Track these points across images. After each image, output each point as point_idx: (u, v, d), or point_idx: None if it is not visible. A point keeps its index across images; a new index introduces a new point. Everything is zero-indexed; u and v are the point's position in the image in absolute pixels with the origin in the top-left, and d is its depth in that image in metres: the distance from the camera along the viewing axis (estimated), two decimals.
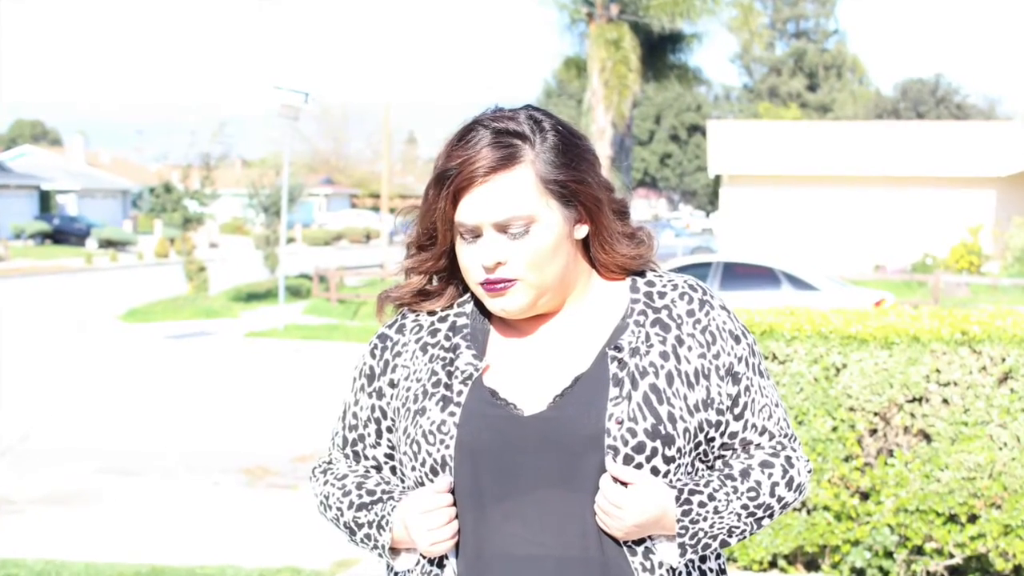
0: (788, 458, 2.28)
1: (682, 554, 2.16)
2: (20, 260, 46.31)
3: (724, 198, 39.53)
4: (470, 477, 2.16)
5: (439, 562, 2.21)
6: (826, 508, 6.01)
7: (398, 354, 2.32)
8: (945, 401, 5.83)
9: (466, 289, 2.32)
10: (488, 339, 2.28)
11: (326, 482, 2.39)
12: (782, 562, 6.22)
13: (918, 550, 6.03)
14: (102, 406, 13.62)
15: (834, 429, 5.92)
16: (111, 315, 25.63)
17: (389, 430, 2.32)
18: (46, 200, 65.24)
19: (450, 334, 2.29)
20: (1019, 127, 42.13)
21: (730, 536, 2.20)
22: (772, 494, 2.24)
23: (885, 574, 6.05)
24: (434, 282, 2.33)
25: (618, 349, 2.19)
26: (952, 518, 5.91)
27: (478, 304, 2.31)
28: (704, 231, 74.14)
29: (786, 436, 2.31)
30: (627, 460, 2.11)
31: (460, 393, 2.19)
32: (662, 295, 2.28)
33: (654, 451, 2.12)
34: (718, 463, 2.27)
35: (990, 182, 37.78)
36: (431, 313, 2.33)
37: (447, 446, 2.16)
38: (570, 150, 2.19)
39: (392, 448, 2.33)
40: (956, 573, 6.09)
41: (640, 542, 2.15)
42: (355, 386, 2.38)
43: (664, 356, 2.20)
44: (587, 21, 31.34)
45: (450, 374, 2.22)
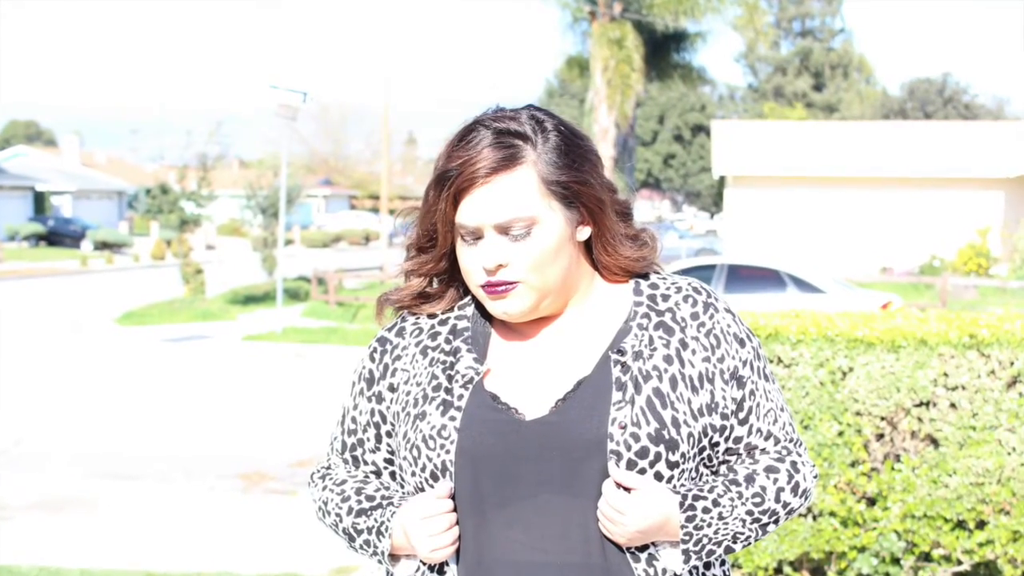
0: (794, 463, 2.28)
1: (686, 560, 2.16)
2: (14, 262, 46.34)
3: (728, 199, 39.52)
4: (471, 482, 2.16)
5: (439, 569, 2.21)
6: (832, 514, 6.01)
7: (398, 358, 2.32)
8: (953, 405, 5.82)
9: (467, 292, 2.32)
10: (489, 342, 2.28)
11: (325, 487, 2.39)
12: (787, 568, 6.21)
13: (925, 556, 6.02)
14: (97, 410, 13.62)
15: (840, 434, 5.91)
16: (107, 318, 25.63)
17: (389, 435, 2.32)
18: (41, 201, 65.25)
19: (451, 337, 2.29)
20: None
21: (735, 542, 2.20)
22: (777, 500, 2.24)
23: None
24: (434, 284, 2.33)
25: (621, 353, 2.19)
26: (960, 524, 5.90)
27: (479, 307, 2.31)
28: (708, 233, 74.22)
29: (791, 441, 2.31)
30: (630, 465, 2.11)
31: (461, 397, 2.19)
32: (666, 298, 2.28)
33: (658, 456, 2.12)
34: (722, 468, 2.27)
35: (998, 183, 37.77)
36: (431, 316, 2.33)
37: (447, 451, 2.16)
38: (572, 151, 2.19)
39: (392, 453, 2.33)
40: None
41: (643, 548, 2.15)
42: (354, 390, 2.38)
43: (668, 360, 2.20)
44: (589, 20, 31.38)
45: (451, 378, 2.22)
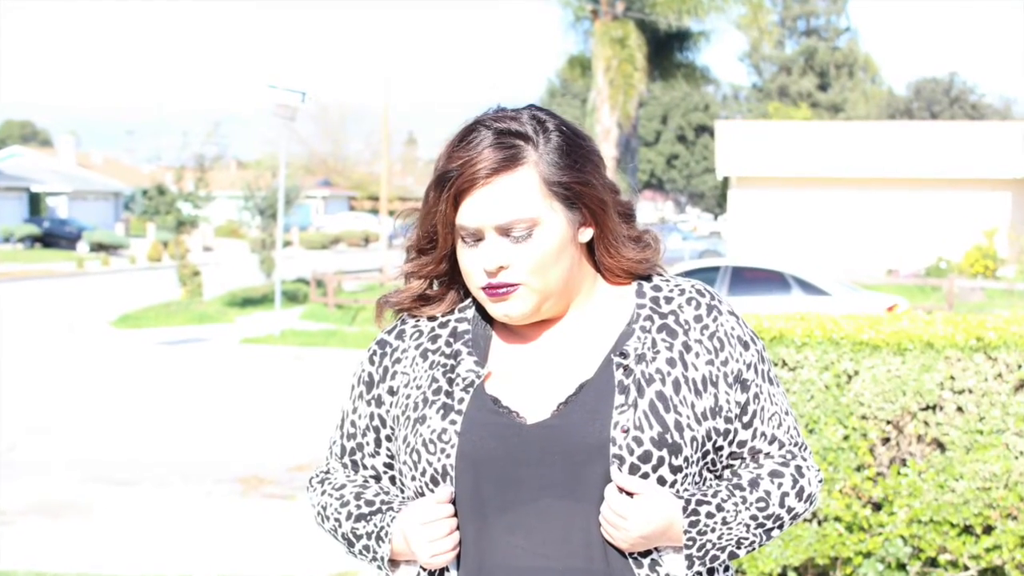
0: (798, 467, 2.28)
1: (689, 566, 2.16)
2: (9, 264, 46.35)
3: (732, 200, 39.52)
4: (472, 487, 2.16)
5: (440, 574, 2.21)
6: (837, 519, 6.01)
7: (397, 361, 2.32)
8: (960, 409, 5.82)
9: (467, 294, 2.32)
10: (490, 345, 2.28)
11: (323, 492, 2.39)
12: (792, 574, 6.21)
13: (932, 562, 6.02)
14: (93, 414, 13.62)
15: (845, 438, 5.91)
16: (103, 321, 25.63)
17: (388, 439, 2.32)
18: (36, 202, 65.26)
19: (451, 340, 2.29)
20: None
21: (739, 548, 2.20)
22: (782, 504, 2.24)
23: None
24: (435, 287, 2.33)
25: (624, 355, 2.19)
26: (967, 529, 5.90)
27: (480, 309, 2.31)
28: (712, 234, 74.19)
29: (796, 445, 2.31)
30: (633, 469, 2.11)
31: (461, 401, 2.19)
32: (669, 300, 2.28)
33: (661, 460, 2.12)
34: (726, 473, 2.27)
35: (1006, 184, 37.78)
36: (431, 319, 2.33)
37: (448, 455, 2.16)
38: (574, 151, 2.19)
39: (391, 457, 2.33)
40: None
41: (646, 554, 2.15)
42: (353, 394, 2.38)
43: (671, 363, 2.20)
44: (592, 19, 31.39)
45: (451, 381, 2.22)
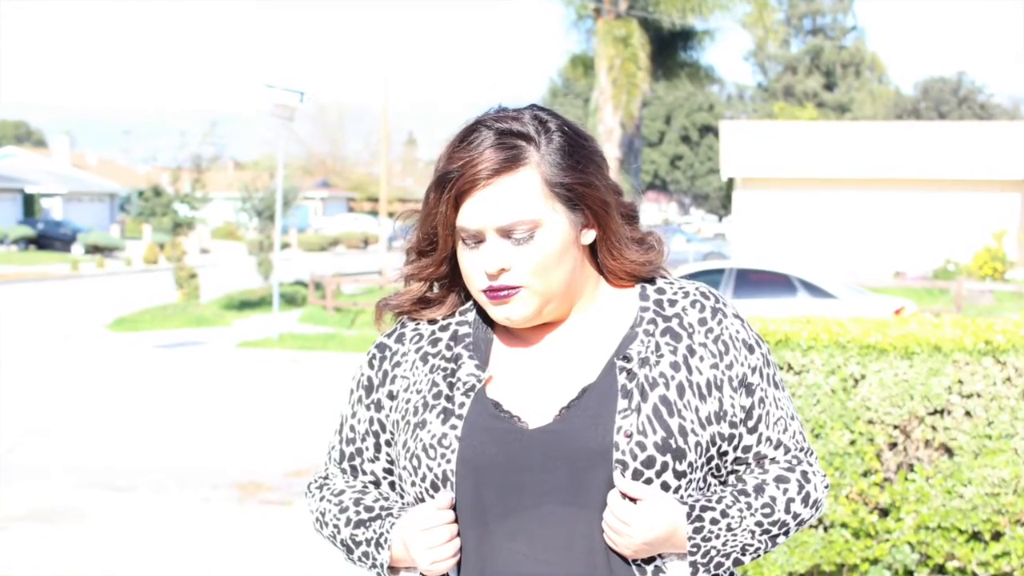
0: (804, 473, 2.28)
1: (693, 573, 2.16)
2: (3, 266, 46.35)
3: (737, 202, 39.53)
4: (472, 493, 2.16)
5: None
6: (844, 525, 6.01)
7: (397, 364, 2.32)
8: (968, 413, 5.82)
9: (468, 297, 2.33)
10: (491, 349, 2.28)
11: (322, 498, 2.39)
12: None
13: (940, 569, 6.02)
14: (88, 418, 13.62)
15: (852, 443, 5.91)
16: (98, 324, 25.64)
17: (388, 444, 2.32)
18: (30, 204, 65.29)
19: (451, 343, 2.29)
20: None
21: (743, 554, 2.20)
22: (787, 510, 2.24)
23: None
24: (435, 289, 2.33)
25: (627, 359, 2.19)
26: (975, 535, 5.90)
27: (481, 312, 2.31)
28: (716, 236, 74.24)
29: (802, 450, 2.31)
30: (636, 475, 2.11)
31: (462, 405, 2.19)
32: (673, 303, 2.28)
33: (664, 466, 2.12)
34: (731, 478, 2.27)
35: (1015, 185, 37.77)
36: (432, 322, 2.34)
37: (448, 460, 2.16)
38: (577, 152, 2.19)
39: (391, 462, 2.33)
40: None
41: (650, 560, 2.15)
42: (352, 398, 2.39)
43: (675, 366, 2.20)
44: (594, 17, 31.40)
45: (451, 385, 2.23)
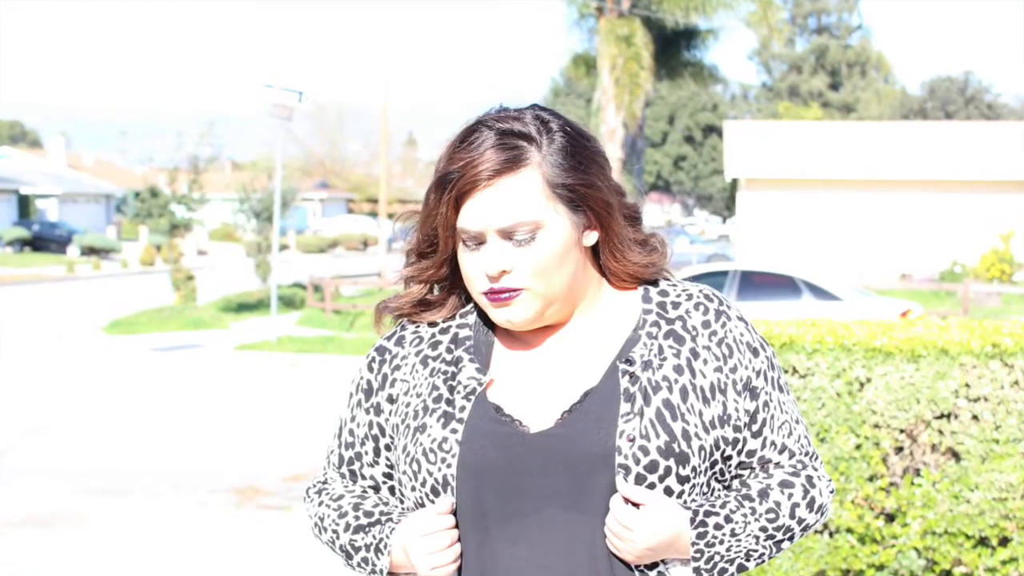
0: (809, 477, 2.29)
1: None
2: None
3: (741, 203, 39.52)
4: (473, 498, 2.16)
5: None
6: (849, 530, 6.01)
7: (397, 368, 2.32)
8: (975, 417, 5.82)
9: (469, 299, 2.33)
10: (492, 352, 2.28)
11: (321, 503, 2.39)
12: None
13: (946, 575, 6.02)
14: (84, 422, 13.63)
15: (858, 447, 5.91)
16: (94, 326, 25.65)
17: (388, 448, 2.32)
18: (25, 205, 65.31)
19: (452, 346, 2.29)
20: None
21: (748, 560, 2.20)
22: (792, 515, 2.24)
23: None
24: (435, 291, 2.33)
25: (629, 362, 2.19)
26: (982, 541, 5.90)
27: (481, 315, 2.31)
28: (720, 238, 74.28)
29: (807, 454, 2.31)
30: (639, 480, 2.11)
31: (463, 409, 2.19)
32: (676, 305, 2.28)
33: (668, 470, 2.12)
34: (735, 483, 2.27)
35: (1023, 186, 37.75)
36: (432, 324, 2.34)
37: (449, 465, 2.16)
38: (579, 152, 2.19)
39: (391, 467, 2.33)
40: None
41: (653, 566, 2.15)
42: (352, 401, 2.39)
43: (678, 370, 2.20)
44: (597, 16, 31.40)
45: (452, 389, 2.23)
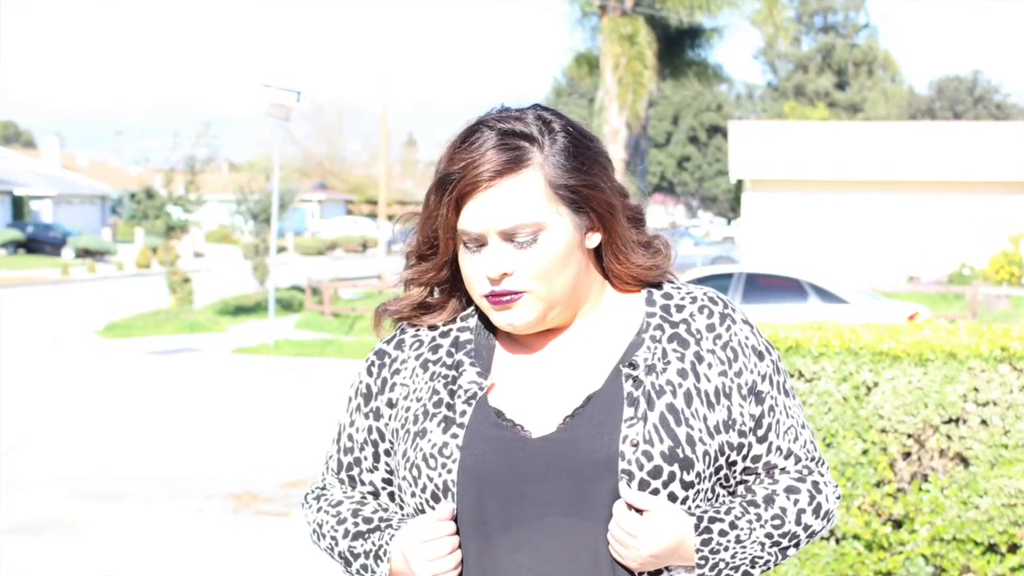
0: (815, 483, 2.28)
1: None
2: None
3: (746, 204, 39.51)
4: (474, 504, 2.16)
5: None
6: (856, 537, 6.00)
7: (397, 372, 2.32)
8: (984, 422, 5.82)
9: (470, 302, 2.32)
10: (493, 355, 2.28)
11: (319, 509, 2.39)
12: None
13: None
14: (79, 427, 13.63)
15: (864, 452, 5.91)
16: (89, 330, 25.65)
17: (387, 453, 2.32)
18: (19, 206, 65.32)
19: (452, 350, 2.29)
20: None
21: (753, 567, 2.20)
22: (798, 522, 2.24)
23: None
24: (435, 294, 2.33)
25: (633, 366, 2.19)
26: (991, 548, 5.90)
27: (483, 318, 2.31)
28: (725, 240, 74.25)
29: (813, 460, 2.31)
30: (642, 485, 2.11)
31: (463, 414, 2.19)
32: (680, 308, 2.28)
33: (671, 476, 2.12)
34: (740, 488, 2.27)
35: None
36: (432, 328, 2.33)
37: (449, 470, 2.16)
38: (581, 153, 2.19)
39: (390, 473, 2.33)
40: None
41: (656, 573, 2.15)
42: (351, 406, 2.38)
43: (682, 374, 2.20)
44: (599, 14, 31.39)
45: (453, 393, 2.22)
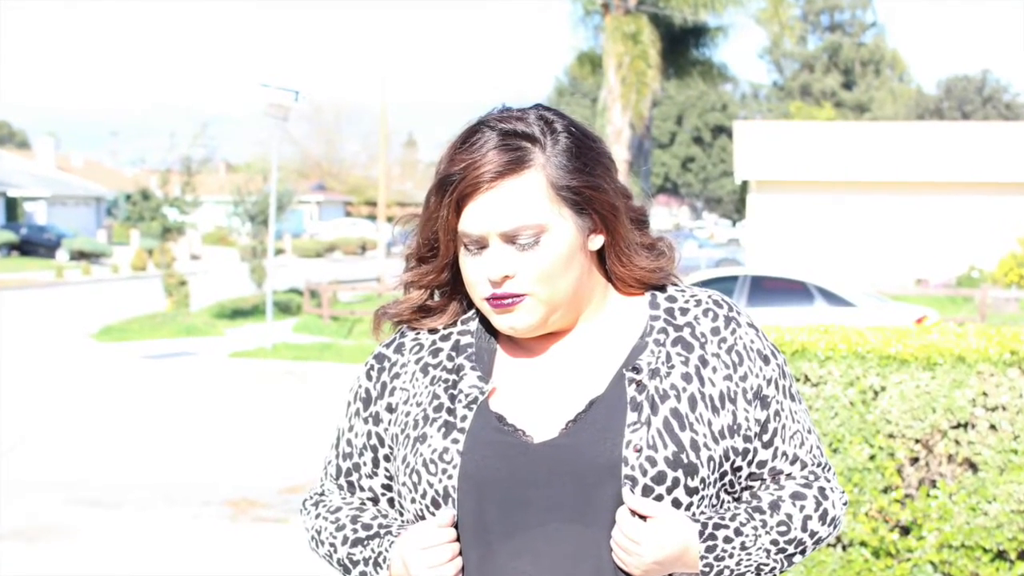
0: (821, 489, 2.28)
1: None
2: None
3: (752, 206, 39.52)
4: (475, 510, 2.16)
5: None
6: (863, 544, 6.00)
7: (396, 376, 2.32)
8: (993, 427, 5.82)
9: (470, 305, 2.33)
10: (495, 359, 2.28)
11: (318, 515, 2.39)
12: None
13: None
14: (74, 433, 13.63)
15: (872, 457, 5.91)
16: (84, 333, 25.66)
17: (387, 458, 2.32)
18: (13, 208, 65.35)
19: (453, 354, 2.29)
20: None
21: (758, 574, 2.20)
22: (804, 528, 2.24)
23: None
24: (436, 297, 2.33)
25: (636, 370, 2.19)
26: (1000, 554, 5.90)
27: (484, 321, 2.31)
28: (730, 242, 74.23)
29: (819, 465, 2.31)
30: (646, 491, 2.11)
31: (464, 418, 2.19)
32: (684, 311, 2.28)
33: (676, 481, 2.12)
34: (745, 494, 2.27)
35: None
36: (432, 331, 2.33)
37: (450, 476, 2.16)
38: (584, 153, 2.19)
39: (390, 478, 2.33)
40: None
41: None
42: (349, 411, 2.39)
43: (687, 378, 2.20)
44: (602, 13, 31.38)
45: (453, 397, 2.22)
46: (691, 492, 2.14)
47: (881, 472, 5.91)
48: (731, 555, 2.15)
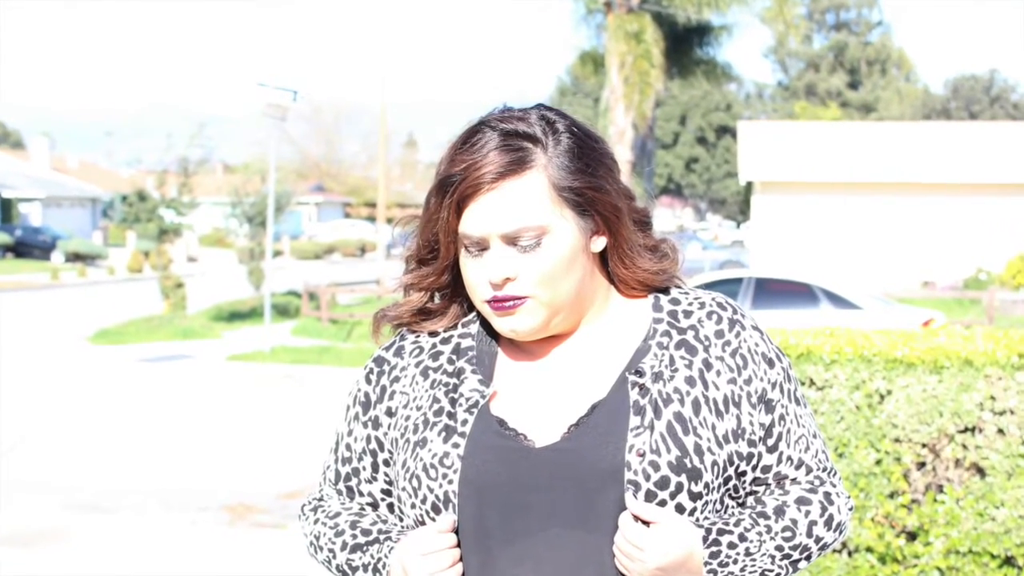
0: (827, 494, 2.28)
1: None
2: None
3: (756, 207, 39.52)
4: (476, 515, 2.16)
5: None
6: (869, 549, 6.00)
7: (396, 379, 2.32)
8: (1001, 431, 5.81)
9: (471, 307, 2.33)
10: (496, 363, 2.28)
11: (317, 521, 2.39)
12: None
13: None
14: (70, 437, 13.63)
15: (878, 462, 5.91)
16: (79, 336, 25.66)
17: (386, 463, 2.32)
18: (7, 209, 65.37)
19: (453, 357, 2.29)
20: None
21: None
22: (809, 534, 2.24)
23: None
24: (436, 300, 2.33)
25: (639, 374, 2.19)
26: (1008, 560, 5.89)
27: (484, 324, 2.31)
28: (734, 243, 74.30)
29: (825, 470, 2.31)
30: (649, 496, 2.11)
31: (465, 422, 2.19)
32: (688, 314, 2.28)
33: (679, 486, 2.12)
34: (750, 500, 2.27)
35: None
36: (433, 334, 2.33)
37: (450, 481, 2.16)
38: (586, 154, 2.19)
39: (389, 483, 2.33)
40: None
41: None
42: (349, 415, 2.38)
43: (690, 381, 2.20)
44: (605, 11, 31.36)
45: (454, 401, 2.22)
46: (695, 497, 2.14)
47: (887, 477, 5.91)
48: (735, 561, 2.15)
